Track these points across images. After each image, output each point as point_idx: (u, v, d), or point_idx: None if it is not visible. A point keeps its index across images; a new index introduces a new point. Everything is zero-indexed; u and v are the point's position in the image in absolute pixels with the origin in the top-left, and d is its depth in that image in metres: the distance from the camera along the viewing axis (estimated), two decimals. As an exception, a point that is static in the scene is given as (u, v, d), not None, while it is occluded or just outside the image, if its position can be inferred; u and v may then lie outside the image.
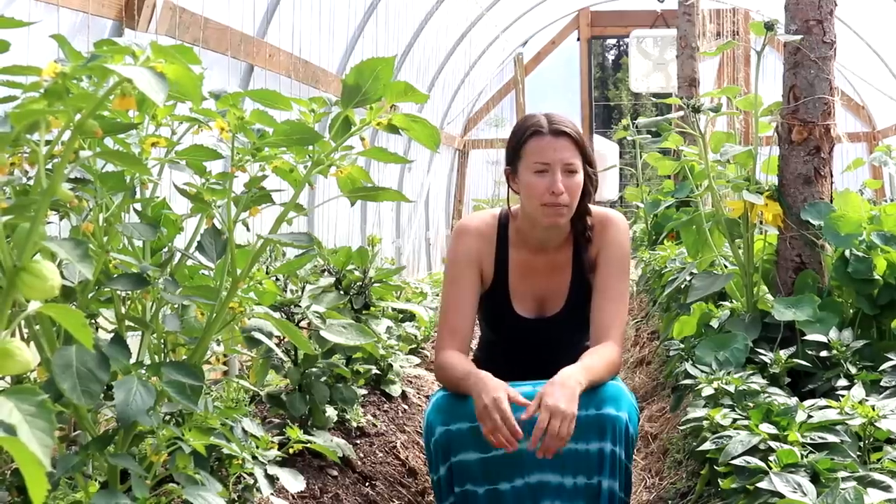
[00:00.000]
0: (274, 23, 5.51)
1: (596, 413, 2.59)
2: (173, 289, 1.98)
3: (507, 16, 11.87)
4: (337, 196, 2.17)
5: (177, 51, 1.41)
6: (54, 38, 1.65)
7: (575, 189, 2.75)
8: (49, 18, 3.11)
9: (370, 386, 4.17)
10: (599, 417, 2.59)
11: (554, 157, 2.73)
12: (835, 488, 1.89)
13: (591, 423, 2.59)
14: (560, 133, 2.75)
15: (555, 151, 2.73)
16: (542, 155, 2.74)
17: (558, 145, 2.74)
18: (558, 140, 2.74)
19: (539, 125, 2.77)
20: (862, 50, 10.98)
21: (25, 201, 1.37)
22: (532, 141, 2.77)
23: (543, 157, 2.74)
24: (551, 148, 2.74)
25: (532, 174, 2.75)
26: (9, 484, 1.98)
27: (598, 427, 2.59)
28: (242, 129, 1.94)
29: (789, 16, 3.61)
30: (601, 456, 2.60)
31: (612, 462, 2.60)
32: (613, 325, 2.78)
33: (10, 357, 1.26)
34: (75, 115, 1.40)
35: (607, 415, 2.59)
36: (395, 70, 2.08)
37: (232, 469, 2.33)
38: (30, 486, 1.10)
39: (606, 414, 2.59)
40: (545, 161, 2.73)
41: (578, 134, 2.79)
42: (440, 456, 2.64)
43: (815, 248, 3.50)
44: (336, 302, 3.26)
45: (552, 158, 2.73)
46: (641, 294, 7.16)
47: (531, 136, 2.77)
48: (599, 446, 2.59)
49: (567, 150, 2.74)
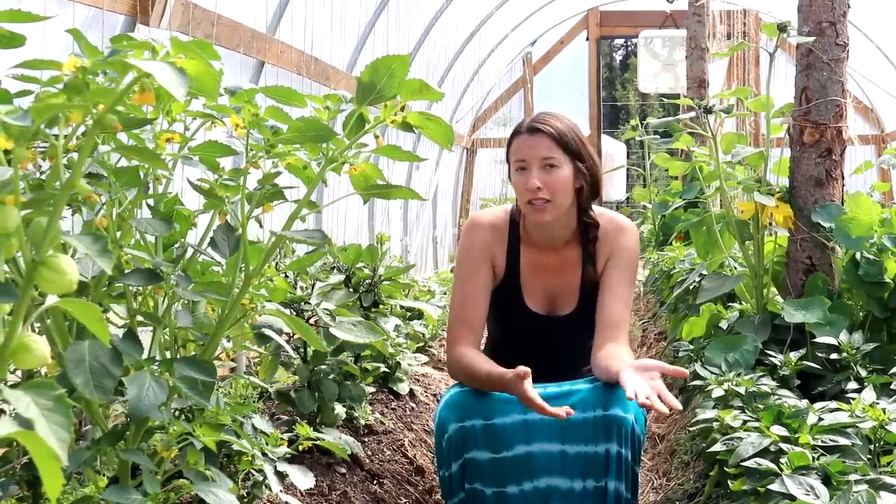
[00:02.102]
0: (285, 19, 5.51)
1: (603, 414, 2.59)
2: (185, 285, 1.98)
3: (517, 15, 11.85)
4: (347, 194, 2.17)
5: (196, 46, 1.41)
6: (70, 33, 1.65)
7: (556, 183, 2.75)
8: (63, 13, 3.12)
9: (378, 384, 4.16)
10: (606, 418, 2.58)
11: (529, 153, 2.77)
12: (847, 491, 1.89)
13: (599, 425, 2.59)
14: (535, 130, 2.78)
15: (530, 148, 2.77)
16: (520, 153, 2.80)
17: (533, 142, 2.77)
18: (534, 137, 2.77)
19: (520, 125, 2.85)
20: (871, 52, 10.95)
21: (44, 195, 1.37)
22: (514, 141, 2.84)
23: (520, 155, 2.79)
24: (527, 145, 2.78)
25: (515, 172, 2.82)
26: (19, 478, 1.98)
27: (605, 428, 2.58)
28: (257, 126, 1.94)
29: (802, 17, 3.60)
30: (608, 457, 2.59)
31: (618, 464, 2.60)
32: (623, 325, 2.77)
33: (29, 351, 1.26)
34: (93, 110, 1.40)
35: (614, 416, 2.59)
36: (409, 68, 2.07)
37: (241, 465, 2.33)
38: (45, 480, 1.10)
39: (613, 415, 2.59)
40: (522, 158, 2.79)
41: (560, 130, 2.78)
42: (453, 452, 2.64)
43: (825, 251, 3.49)
44: (345, 299, 3.26)
45: (528, 155, 2.77)
46: (648, 295, 7.15)
47: (513, 136, 2.85)
48: (606, 447, 2.59)
49: (542, 147, 2.76)
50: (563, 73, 14.66)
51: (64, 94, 1.34)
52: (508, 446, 2.61)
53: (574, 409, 2.55)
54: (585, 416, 2.60)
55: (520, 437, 2.59)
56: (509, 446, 2.61)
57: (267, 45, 5.06)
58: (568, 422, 2.57)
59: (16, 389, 1.18)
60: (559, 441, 2.61)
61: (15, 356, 1.28)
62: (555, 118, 2.82)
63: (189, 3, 3.93)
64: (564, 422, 2.55)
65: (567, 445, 2.61)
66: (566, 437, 2.61)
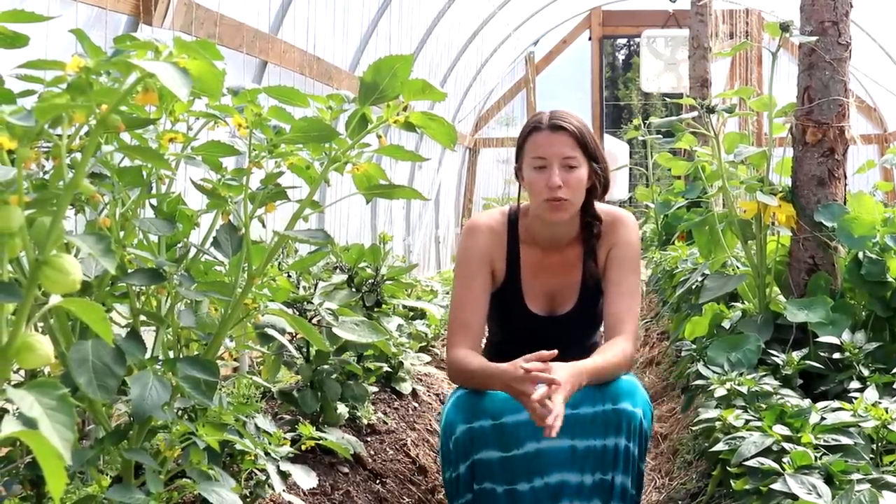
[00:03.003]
0: (288, 19, 5.52)
1: (612, 408, 2.60)
2: (189, 284, 1.98)
3: (520, 14, 11.85)
4: (350, 194, 2.17)
5: (199, 46, 1.41)
6: (73, 33, 1.65)
7: (575, 183, 2.74)
8: (66, 13, 3.12)
9: (381, 383, 4.17)
10: (616, 413, 2.60)
11: (551, 151, 2.73)
12: (850, 491, 1.89)
13: (609, 419, 2.60)
14: (558, 128, 2.74)
15: (551, 146, 2.74)
16: (540, 150, 2.75)
17: (556, 140, 2.74)
18: (556, 135, 2.74)
19: (539, 121, 2.79)
20: (874, 52, 10.94)
21: (47, 195, 1.37)
22: (532, 137, 2.79)
23: (541, 152, 2.75)
24: (548, 143, 2.74)
25: (532, 170, 2.77)
26: (22, 477, 1.98)
27: (615, 422, 2.59)
28: (260, 126, 1.95)
29: (804, 17, 3.60)
30: (615, 451, 2.60)
31: (625, 458, 2.61)
32: (626, 320, 2.77)
33: (32, 351, 1.26)
34: (96, 110, 1.40)
35: (623, 410, 2.60)
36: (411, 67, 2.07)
37: (244, 465, 2.34)
38: (49, 479, 1.10)
39: (623, 409, 2.60)
40: (542, 156, 2.74)
41: (581, 129, 2.76)
42: (461, 454, 2.64)
43: (828, 250, 3.49)
44: (348, 299, 3.26)
45: (549, 153, 2.73)
46: (651, 294, 7.15)
47: (531, 132, 2.79)
48: (615, 441, 2.60)
49: (565, 145, 2.73)
50: (565, 73, 14.67)
51: (67, 95, 1.34)
52: (518, 444, 2.62)
53: (582, 404, 2.58)
54: (595, 410, 2.61)
55: (530, 435, 2.59)
56: (519, 444, 2.62)
57: (269, 44, 5.06)
58: (576, 416, 2.58)
59: (19, 389, 1.18)
60: (569, 436, 2.61)
61: (18, 356, 1.28)
62: (571, 115, 2.80)
63: (192, 3, 3.93)
64: (573, 416, 2.57)
65: (577, 440, 2.62)
66: (575, 431, 2.61)
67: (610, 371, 2.63)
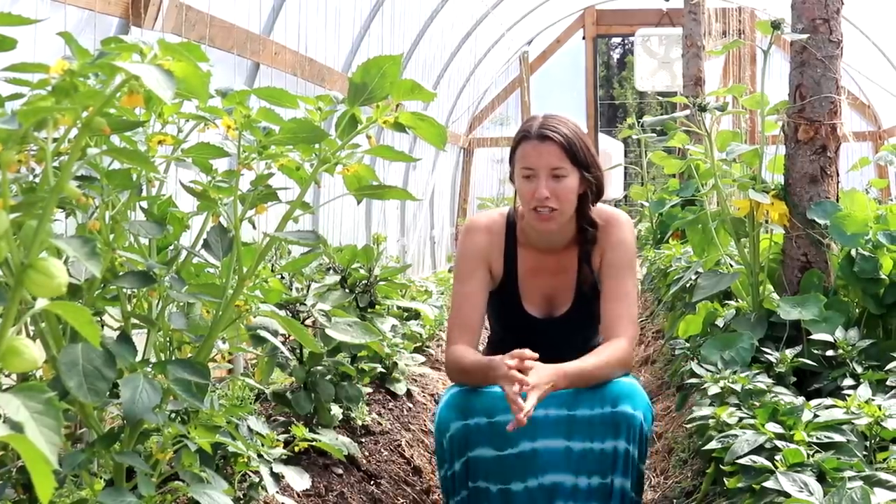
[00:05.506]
0: (280, 20, 5.51)
1: (612, 411, 2.60)
2: (179, 287, 1.98)
3: (513, 14, 11.84)
4: (342, 195, 2.17)
5: (184, 48, 1.41)
6: (61, 36, 1.64)
7: (564, 193, 2.74)
8: (55, 16, 3.11)
9: (375, 384, 4.17)
10: (615, 415, 2.60)
11: (538, 162, 2.73)
12: (841, 488, 1.89)
13: (607, 421, 2.60)
14: (545, 138, 2.73)
15: (539, 157, 2.73)
16: (528, 160, 2.76)
17: (543, 150, 2.73)
18: (543, 145, 2.73)
19: (529, 129, 2.78)
20: (867, 49, 10.95)
21: (33, 198, 1.36)
22: (521, 146, 2.79)
23: (528, 163, 2.75)
24: (536, 153, 2.74)
25: (521, 179, 2.78)
26: (15, 481, 1.98)
27: (614, 425, 2.60)
28: (249, 127, 1.94)
29: (796, 14, 3.59)
30: (615, 454, 2.60)
31: (625, 461, 2.61)
32: (621, 321, 2.77)
33: (18, 355, 1.26)
34: (82, 113, 1.40)
35: (623, 412, 2.60)
36: (401, 68, 2.07)
37: (237, 467, 2.34)
38: (37, 483, 1.10)
39: (622, 412, 2.60)
40: (530, 166, 2.75)
41: (570, 138, 2.75)
42: (455, 451, 2.65)
43: (821, 248, 3.49)
44: (341, 300, 3.26)
45: (536, 164, 2.74)
46: (646, 293, 7.15)
47: (520, 140, 2.80)
48: (614, 444, 2.60)
49: (552, 156, 2.73)
50: (559, 72, 14.62)
51: (52, 98, 1.34)
52: (513, 443, 2.62)
53: (579, 405, 2.61)
54: (593, 412, 2.61)
55: (524, 434, 2.59)
56: (514, 443, 2.62)
57: (262, 46, 5.05)
58: (574, 418, 2.59)
59: (6, 393, 1.18)
60: (564, 437, 2.62)
61: (4, 360, 1.27)
62: (562, 123, 2.78)
63: (183, 5, 3.92)
64: (570, 418, 2.58)
65: (572, 442, 2.63)
66: (571, 433, 2.62)
67: (602, 373, 2.64)
